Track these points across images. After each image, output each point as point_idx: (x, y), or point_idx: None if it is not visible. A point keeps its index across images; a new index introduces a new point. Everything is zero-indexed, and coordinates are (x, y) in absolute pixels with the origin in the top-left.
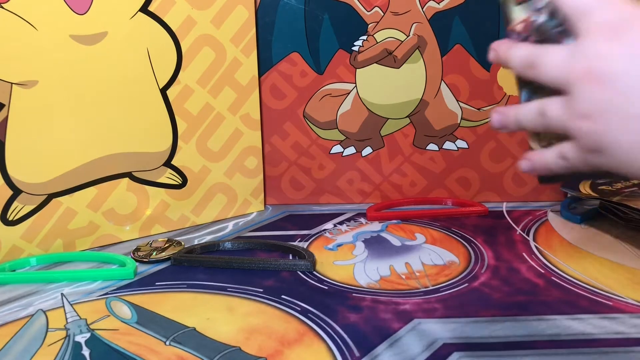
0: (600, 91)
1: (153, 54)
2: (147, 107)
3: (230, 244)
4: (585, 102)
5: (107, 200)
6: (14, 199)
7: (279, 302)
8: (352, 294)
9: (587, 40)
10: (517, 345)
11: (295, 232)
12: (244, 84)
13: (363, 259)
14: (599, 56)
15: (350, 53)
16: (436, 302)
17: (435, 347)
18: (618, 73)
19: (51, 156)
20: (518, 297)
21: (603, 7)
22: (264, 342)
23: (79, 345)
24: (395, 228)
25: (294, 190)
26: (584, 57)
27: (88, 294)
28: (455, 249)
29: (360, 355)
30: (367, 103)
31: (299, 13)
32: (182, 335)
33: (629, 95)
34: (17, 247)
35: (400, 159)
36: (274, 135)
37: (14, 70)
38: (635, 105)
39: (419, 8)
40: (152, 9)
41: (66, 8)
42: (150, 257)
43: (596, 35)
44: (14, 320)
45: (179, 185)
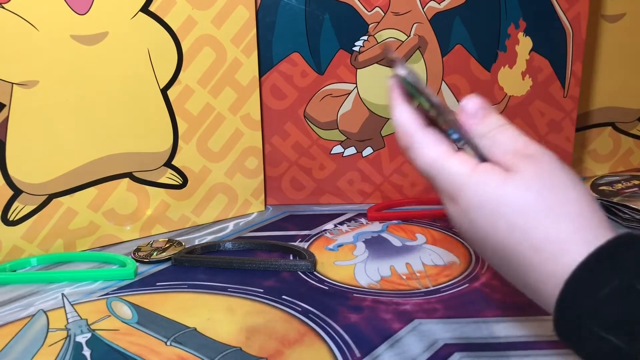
0: (466, 236)
1: (154, 54)
2: (148, 107)
3: (230, 244)
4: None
5: (108, 201)
6: (14, 199)
7: (280, 303)
8: (352, 294)
9: (440, 195)
10: (517, 346)
11: (295, 233)
12: (244, 84)
13: (364, 259)
14: (450, 216)
15: (351, 53)
16: (437, 302)
17: (436, 347)
18: (466, 233)
19: (52, 156)
20: (519, 298)
21: (439, 176)
22: (265, 342)
23: (80, 345)
24: (395, 228)
25: (295, 190)
26: (448, 213)
27: (89, 294)
28: (456, 250)
29: (361, 355)
30: (367, 103)
31: (300, 13)
32: (182, 335)
33: (480, 250)
34: (18, 247)
35: (401, 159)
36: (275, 135)
37: (14, 70)
38: (491, 254)
39: (420, 8)
40: (152, 9)
41: (67, 8)
42: (150, 258)
43: (442, 197)
44: (15, 321)
45: (179, 185)
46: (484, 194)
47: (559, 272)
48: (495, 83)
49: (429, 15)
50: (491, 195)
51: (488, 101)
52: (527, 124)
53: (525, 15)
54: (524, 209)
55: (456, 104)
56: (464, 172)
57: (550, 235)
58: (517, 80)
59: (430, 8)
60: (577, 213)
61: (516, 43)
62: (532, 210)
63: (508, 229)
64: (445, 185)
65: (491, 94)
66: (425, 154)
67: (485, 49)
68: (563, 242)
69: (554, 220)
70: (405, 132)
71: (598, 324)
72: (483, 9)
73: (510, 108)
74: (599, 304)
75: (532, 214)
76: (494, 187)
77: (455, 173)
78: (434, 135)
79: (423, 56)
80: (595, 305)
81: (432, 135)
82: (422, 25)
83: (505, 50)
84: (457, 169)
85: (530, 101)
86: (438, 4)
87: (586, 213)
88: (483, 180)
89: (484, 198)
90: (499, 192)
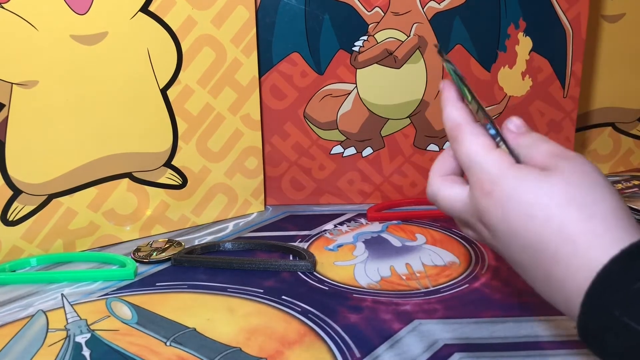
0: (489, 235)
1: (153, 54)
2: (148, 108)
3: (230, 244)
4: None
5: (108, 201)
6: (14, 199)
7: (280, 303)
8: (352, 295)
9: (473, 192)
10: (517, 346)
11: (295, 233)
12: (244, 84)
13: (363, 259)
14: (481, 210)
15: (351, 53)
16: (437, 302)
17: (436, 347)
18: (497, 228)
19: (51, 156)
20: (518, 298)
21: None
22: (265, 342)
23: (79, 345)
24: (395, 229)
25: (295, 190)
26: (475, 209)
27: (88, 295)
28: (456, 250)
29: (361, 355)
30: (367, 103)
31: (300, 13)
32: (182, 335)
33: (508, 248)
34: (18, 247)
35: (401, 160)
36: (275, 135)
37: (14, 70)
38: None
39: (420, 8)
40: (152, 9)
41: (66, 8)
42: (150, 258)
43: (477, 190)
44: (14, 321)
45: (179, 185)
46: (523, 186)
47: (591, 265)
48: (495, 83)
49: (428, 15)
50: (531, 188)
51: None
52: (527, 124)
53: (525, 15)
54: (563, 202)
55: None
56: (503, 165)
57: (586, 229)
58: (517, 80)
59: (430, 8)
60: (611, 212)
61: (516, 43)
62: (570, 204)
63: (545, 220)
64: (483, 177)
65: (491, 94)
66: (469, 146)
67: (485, 49)
68: (598, 236)
69: (590, 216)
70: (454, 124)
71: (629, 316)
72: (483, 9)
73: (510, 108)
74: (631, 296)
75: (571, 208)
76: (533, 180)
77: (495, 165)
78: (479, 129)
79: (423, 56)
80: (628, 296)
81: (477, 129)
82: (422, 25)
83: (505, 50)
84: (498, 162)
85: (530, 101)
86: (438, 4)
87: (619, 213)
88: (523, 174)
89: (522, 190)
90: (539, 185)
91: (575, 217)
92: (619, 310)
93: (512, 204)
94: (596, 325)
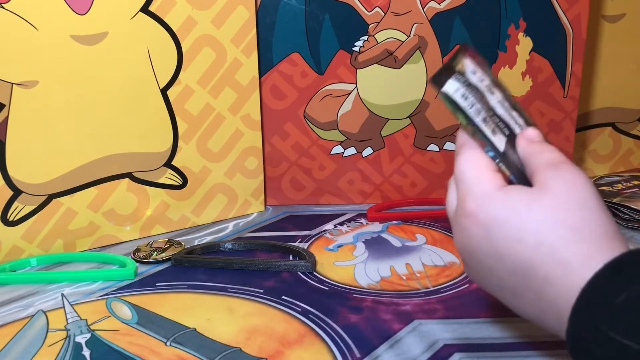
0: (472, 261)
1: (153, 54)
2: (148, 108)
3: (230, 244)
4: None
5: (108, 201)
6: (14, 199)
7: (280, 303)
8: (352, 295)
9: (459, 210)
10: (517, 346)
11: (295, 233)
12: (244, 85)
13: (363, 259)
14: (463, 230)
15: (351, 53)
16: (437, 303)
17: (436, 347)
18: (477, 251)
19: (51, 156)
20: None
21: (468, 185)
22: (265, 342)
23: (80, 345)
24: (395, 229)
25: (295, 190)
26: (458, 227)
27: (88, 295)
28: (456, 250)
29: (361, 356)
30: (367, 104)
31: (300, 13)
32: (182, 335)
33: (493, 272)
34: (18, 247)
35: (401, 160)
36: (275, 135)
37: (14, 70)
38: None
39: (420, 8)
40: (152, 9)
41: (67, 8)
42: (150, 258)
43: (462, 209)
44: (14, 321)
45: (179, 185)
46: (512, 208)
47: (581, 285)
48: None
49: (429, 16)
50: (520, 211)
51: None
52: None
53: (525, 16)
54: (553, 225)
55: None
56: (493, 186)
57: (578, 251)
58: (517, 80)
59: (430, 8)
60: (602, 231)
61: (516, 43)
62: (561, 226)
63: (535, 243)
64: (468, 196)
65: None
66: (465, 161)
67: (485, 49)
68: (589, 258)
69: (581, 238)
70: (462, 140)
71: (616, 330)
72: (483, 9)
73: None
74: (616, 310)
75: (562, 231)
76: (522, 203)
77: (483, 186)
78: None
79: (423, 56)
80: (612, 310)
81: (477, 146)
82: (422, 26)
83: (505, 50)
84: (487, 182)
85: (530, 101)
86: (438, 4)
87: (609, 231)
88: (513, 195)
89: (510, 213)
90: (528, 208)
91: (567, 239)
92: (604, 324)
93: (501, 226)
94: (583, 339)
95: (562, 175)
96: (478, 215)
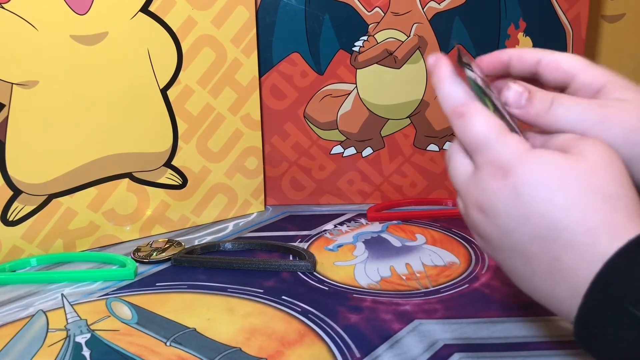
0: (488, 224)
1: (153, 54)
2: (148, 108)
3: (230, 244)
4: (476, 228)
5: (108, 201)
6: (14, 199)
7: (280, 303)
8: (352, 295)
9: (480, 174)
10: (517, 346)
11: (295, 233)
12: (244, 85)
13: (363, 259)
14: (487, 192)
15: (351, 53)
16: (437, 303)
17: (436, 348)
18: (501, 213)
19: (51, 156)
20: (518, 298)
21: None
22: (265, 342)
23: (79, 345)
24: (395, 229)
25: (294, 190)
26: (477, 190)
27: (88, 295)
28: (456, 250)
29: (361, 356)
30: (367, 103)
31: (300, 13)
32: (182, 335)
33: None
34: (18, 247)
35: (401, 160)
36: (275, 135)
37: (14, 70)
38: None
39: (420, 8)
40: (152, 9)
41: (66, 8)
42: (150, 258)
43: (485, 172)
44: (14, 321)
45: (179, 185)
46: (546, 170)
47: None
48: None
49: (428, 16)
50: (554, 172)
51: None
52: None
53: (525, 16)
54: (588, 190)
55: None
56: (523, 147)
57: (610, 220)
58: None
59: (430, 8)
60: (635, 209)
61: (516, 43)
62: (596, 193)
63: (567, 206)
64: (498, 159)
65: None
66: (482, 123)
67: (485, 49)
68: (622, 228)
69: (615, 208)
70: (458, 101)
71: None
72: (483, 9)
73: None
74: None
75: (596, 197)
76: (557, 164)
77: (514, 147)
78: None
79: (423, 56)
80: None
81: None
82: (422, 26)
83: None
84: (516, 143)
85: None
86: (438, 4)
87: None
88: (547, 157)
89: (546, 174)
90: (563, 170)
91: (601, 207)
92: (629, 301)
93: (529, 188)
94: (598, 317)
95: (599, 148)
96: (508, 176)
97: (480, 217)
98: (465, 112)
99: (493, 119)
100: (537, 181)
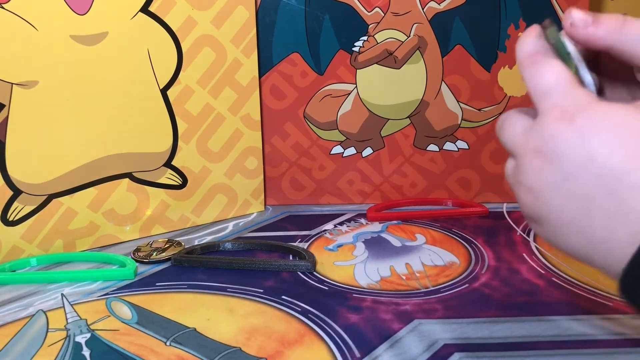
0: (546, 170)
1: (153, 55)
2: (148, 108)
3: (230, 244)
4: (530, 178)
5: (108, 201)
6: (14, 199)
7: (279, 303)
8: (352, 295)
9: (544, 119)
10: (517, 346)
11: (295, 233)
12: (244, 85)
13: (363, 259)
14: (550, 135)
15: (351, 54)
16: (437, 302)
17: (436, 347)
18: (565, 155)
19: (51, 156)
20: (518, 298)
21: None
22: (265, 342)
23: (79, 345)
24: (395, 229)
25: (294, 190)
26: (538, 135)
27: (88, 295)
28: (456, 250)
29: (361, 355)
30: (367, 104)
31: (300, 13)
32: (182, 335)
33: (571, 178)
34: (18, 247)
35: (401, 160)
36: (275, 135)
37: (14, 70)
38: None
39: (420, 9)
40: (152, 9)
41: (66, 8)
42: (150, 258)
43: (551, 116)
44: (14, 321)
45: (179, 185)
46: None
47: None
48: (495, 83)
49: (428, 16)
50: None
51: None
52: None
53: (525, 16)
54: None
55: (456, 104)
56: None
57: None
58: (517, 80)
59: (430, 8)
60: None
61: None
62: None
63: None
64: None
65: (491, 95)
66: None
67: (485, 49)
68: None
69: None
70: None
71: None
72: (483, 9)
73: (510, 108)
74: None
75: None
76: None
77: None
78: None
79: (423, 56)
80: None
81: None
82: (422, 26)
83: (505, 50)
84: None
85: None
86: (438, 4)
87: None
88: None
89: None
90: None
91: None
92: None
93: (597, 131)
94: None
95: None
96: (575, 118)
97: (538, 164)
98: (539, 60)
99: (568, 72)
100: (605, 124)
